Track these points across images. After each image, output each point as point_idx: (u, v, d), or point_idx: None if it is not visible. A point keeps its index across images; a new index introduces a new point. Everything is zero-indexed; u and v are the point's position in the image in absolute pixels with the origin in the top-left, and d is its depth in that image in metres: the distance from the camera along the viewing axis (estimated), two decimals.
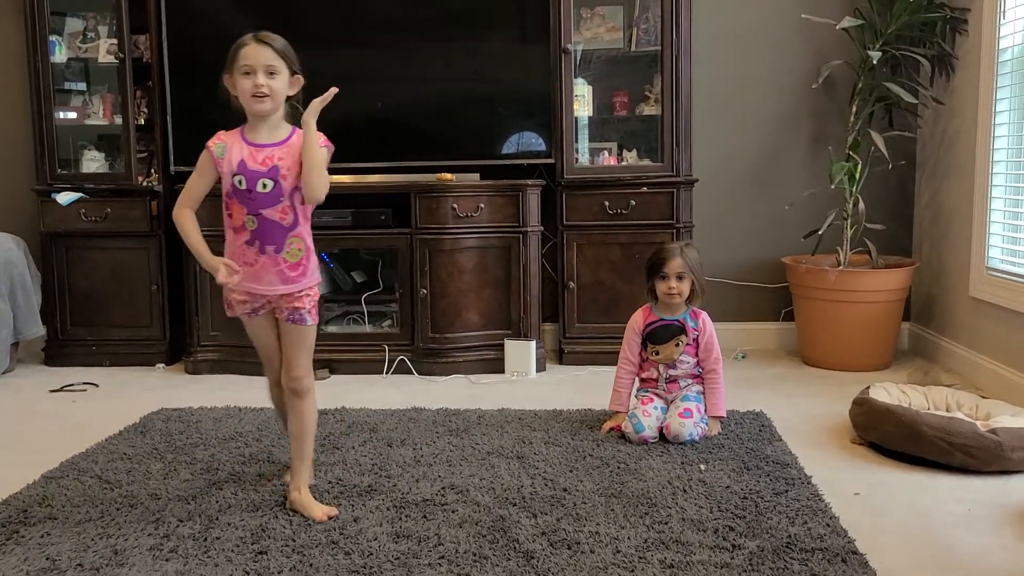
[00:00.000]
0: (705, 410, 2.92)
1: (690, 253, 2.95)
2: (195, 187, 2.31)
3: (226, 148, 2.27)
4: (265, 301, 2.32)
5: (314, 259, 2.35)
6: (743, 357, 4.18)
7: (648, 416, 2.87)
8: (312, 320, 2.34)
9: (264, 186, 2.24)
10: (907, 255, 4.24)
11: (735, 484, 2.43)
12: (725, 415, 2.98)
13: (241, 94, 2.25)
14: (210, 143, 2.30)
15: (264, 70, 2.23)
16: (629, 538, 2.10)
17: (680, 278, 2.92)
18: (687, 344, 2.96)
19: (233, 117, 2.39)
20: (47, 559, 2.05)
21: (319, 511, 2.26)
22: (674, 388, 2.99)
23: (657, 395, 3.00)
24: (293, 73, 2.33)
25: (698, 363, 2.99)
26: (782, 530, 2.14)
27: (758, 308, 4.40)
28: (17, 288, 4.09)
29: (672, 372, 2.99)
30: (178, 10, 4.16)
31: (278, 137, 2.31)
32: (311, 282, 2.34)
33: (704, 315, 3.00)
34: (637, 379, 3.08)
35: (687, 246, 2.99)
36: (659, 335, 2.98)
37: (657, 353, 2.99)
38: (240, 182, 2.24)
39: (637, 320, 3.04)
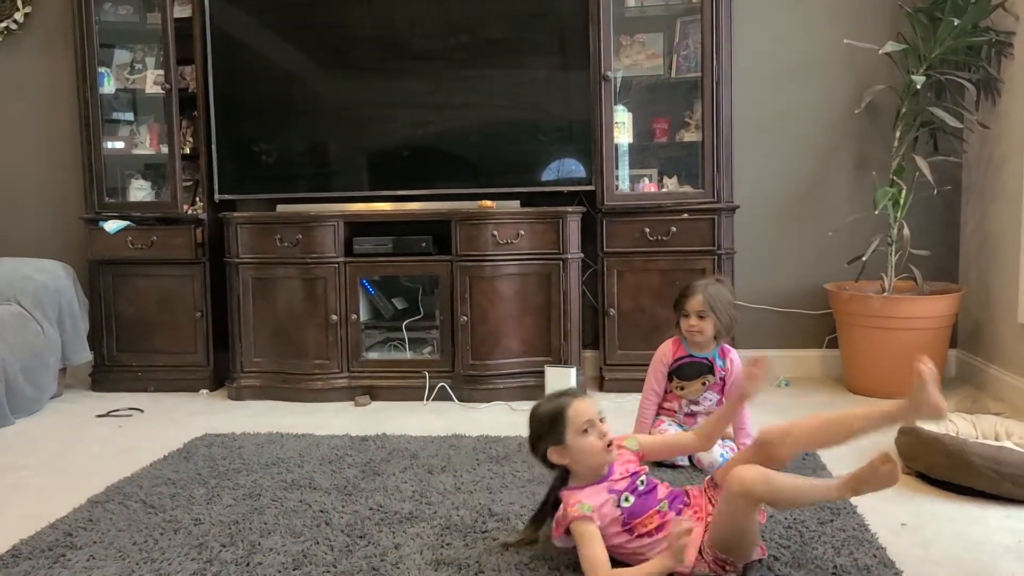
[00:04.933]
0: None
1: (716, 290, 2.88)
2: (595, 556, 1.98)
3: (586, 502, 2.04)
4: None
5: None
6: (786, 384, 4.13)
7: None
8: None
9: (642, 482, 2.11)
10: (953, 281, 4.18)
11: (779, 513, 2.40)
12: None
13: (590, 455, 2.07)
14: (570, 513, 2.02)
15: (598, 417, 2.11)
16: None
17: (701, 317, 2.86)
18: (713, 383, 2.94)
19: (278, 149, 2.37)
20: None
21: None
22: (690, 421, 2.97)
23: (672, 420, 2.99)
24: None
25: (720, 401, 2.95)
26: (828, 560, 2.10)
27: (801, 335, 4.35)
28: (65, 315, 4.17)
29: (694, 408, 2.98)
30: (223, 42, 4.24)
31: (605, 471, 2.11)
32: None
33: (732, 353, 2.95)
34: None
35: (716, 282, 2.93)
36: (686, 372, 2.95)
37: (682, 388, 2.97)
38: (627, 499, 2.06)
39: (666, 353, 2.99)
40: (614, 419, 3.48)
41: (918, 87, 3.74)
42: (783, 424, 2.08)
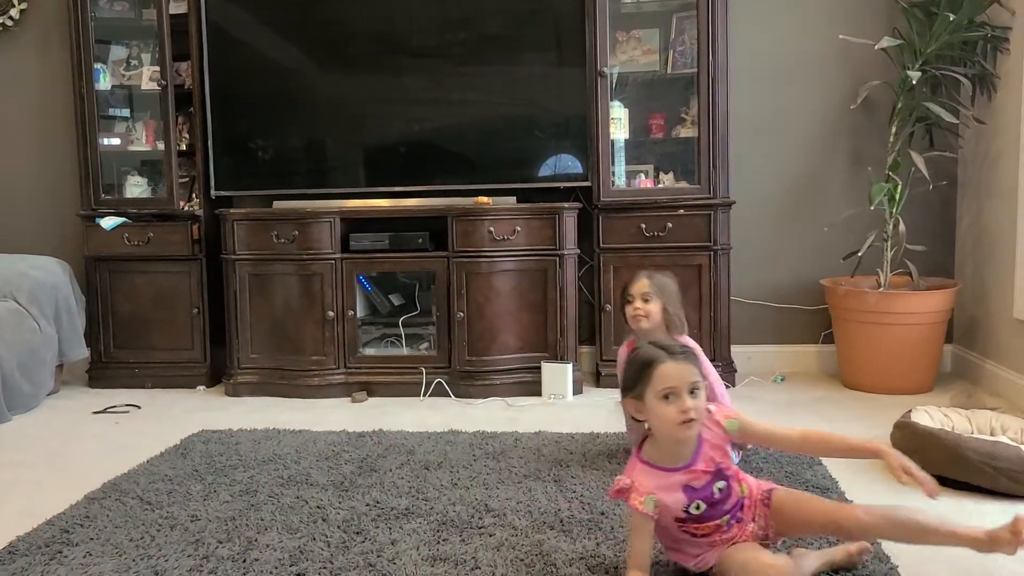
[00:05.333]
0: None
1: (662, 278, 2.78)
2: (643, 552, 1.91)
3: (656, 497, 1.89)
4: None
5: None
6: (782, 380, 4.14)
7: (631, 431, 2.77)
8: None
9: (720, 489, 1.93)
10: (949, 276, 4.19)
11: None
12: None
13: (662, 422, 1.88)
14: (634, 503, 1.90)
15: (688, 389, 1.86)
16: (668, 563, 2.08)
17: (646, 300, 2.73)
18: None
19: (274, 145, 2.34)
20: None
21: None
22: None
23: None
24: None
25: None
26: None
27: (797, 330, 4.36)
28: (62, 311, 4.17)
29: None
30: (219, 38, 4.24)
31: (689, 456, 1.93)
32: None
33: (691, 343, 2.78)
34: None
35: (660, 273, 2.81)
36: None
37: None
38: (698, 507, 1.91)
39: (621, 354, 2.85)
40: (609, 416, 3.51)
41: (914, 82, 3.75)
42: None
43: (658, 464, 1.93)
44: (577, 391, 3.94)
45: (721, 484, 1.93)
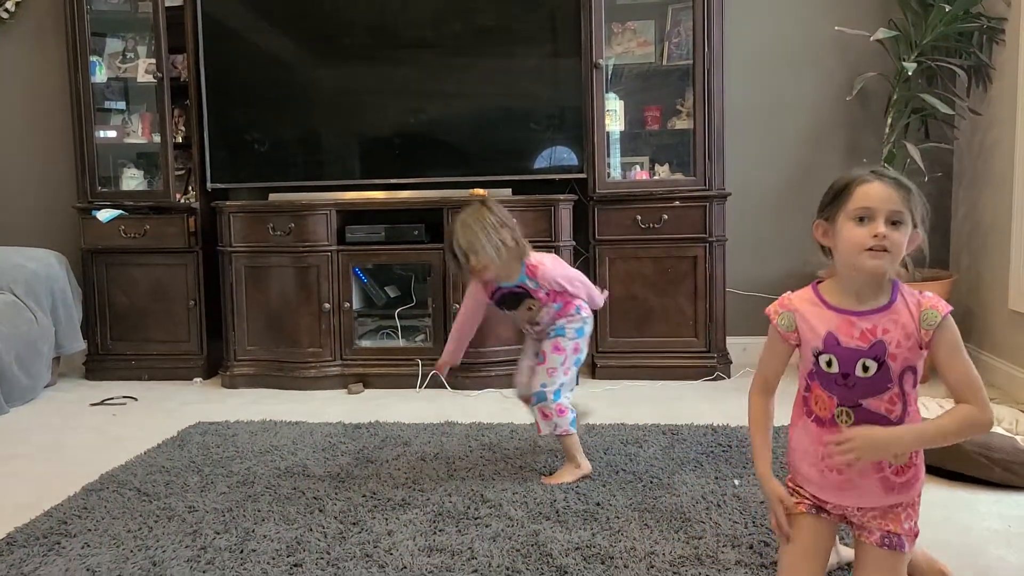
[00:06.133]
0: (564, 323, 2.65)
1: (461, 232, 2.58)
2: (768, 366, 1.78)
3: (796, 317, 1.71)
4: (844, 509, 1.72)
5: (921, 458, 1.67)
6: None
7: (520, 372, 2.81)
8: (910, 545, 1.68)
9: (865, 369, 1.62)
10: (944, 268, 4.20)
11: None
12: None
13: (848, 245, 1.61)
14: (771, 311, 1.75)
15: (888, 217, 1.58)
16: (664, 553, 2.09)
17: (469, 259, 2.60)
18: (540, 304, 2.66)
19: (270, 138, 2.34)
20: (87, 570, 2.08)
21: None
22: (543, 338, 2.72)
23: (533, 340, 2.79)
24: (914, 226, 1.61)
25: (563, 310, 2.67)
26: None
27: None
28: (58, 303, 4.17)
29: (536, 329, 2.73)
30: (214, 31, 4.24)
31: (879, 302, 1.63)
32: (917, 490, 1.68)
33: (538, 265, 2.64)
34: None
35: (462, 223, 2.61)
36: (509, 303, 2.71)
37: (514, 315, 2.74)
38: (829, 363, 1.65)
39: (478, 289, 2.75)
40: (606, 407, 3.52)
41: (909, 74, 3.75)
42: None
43: (827, 299, 1.69)
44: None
45: (870, 364, 1.61)
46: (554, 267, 2.67)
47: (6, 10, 4.53)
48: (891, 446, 1.59)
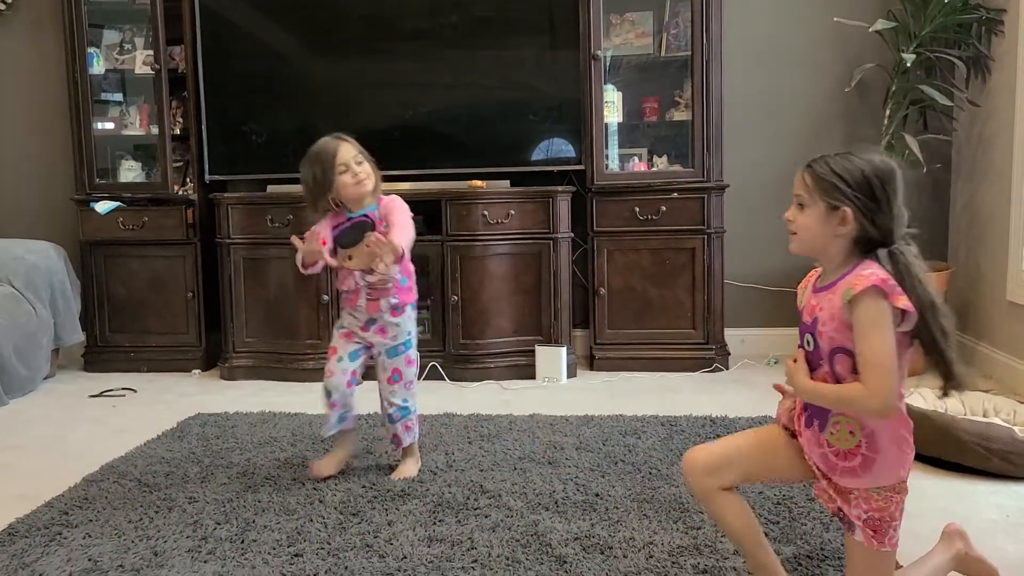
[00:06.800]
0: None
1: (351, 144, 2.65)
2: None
3: (805, 293, 1.80)
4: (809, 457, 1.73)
5: (880, 454, 1.59)
6: (775, 363, 4.16)
7: (331, 375, 2.63)
8: (869, 542, 1.62)
9: (808, 343, 1.70)
10: (942, 259, 4.20)
11: (768, 490, 2.42)
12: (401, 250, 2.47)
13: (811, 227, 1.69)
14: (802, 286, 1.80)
15: (795, 200, 1.75)
16: (662, 543, 2.10)
17: (360, 163, 2.63)
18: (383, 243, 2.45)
19: (268, 129, 2.33)
20: (89, 560, 2.08)
21: None
22: (374, 308, 2.59)
23: (353, 333, 2.66)
24: (834, 207, 1.68)
25: (401, 289, 2.61)
26: (816, 536, 2.13)
27: (790, 313, 4.33)
28: (57, 295, 4.17)
29: (369, 279, 2.58)
30: (212, 22, 4.22)
31: (830, 280, 1.69)
32: (869, 482, 1.61)
33: (389, 199, 2.62)
34: (339, 291, 2.70)
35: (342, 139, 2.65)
36: (349, 238, 2.60)
37: (350, 258, 2.60)
38: (809, 342, 1.70)
39: (323, 226, 2.66)
40: (602, 399, 3.53)
41: (908, 65, 3.75)
42: None
43: (817, 279, 1.77)
44: (571, 374, 3.95)
45: (810, 339, 1.68)
46: (399, 203, 2.62)
47: (3, 2, 4.52)
48: (794, 380, 1.69)
